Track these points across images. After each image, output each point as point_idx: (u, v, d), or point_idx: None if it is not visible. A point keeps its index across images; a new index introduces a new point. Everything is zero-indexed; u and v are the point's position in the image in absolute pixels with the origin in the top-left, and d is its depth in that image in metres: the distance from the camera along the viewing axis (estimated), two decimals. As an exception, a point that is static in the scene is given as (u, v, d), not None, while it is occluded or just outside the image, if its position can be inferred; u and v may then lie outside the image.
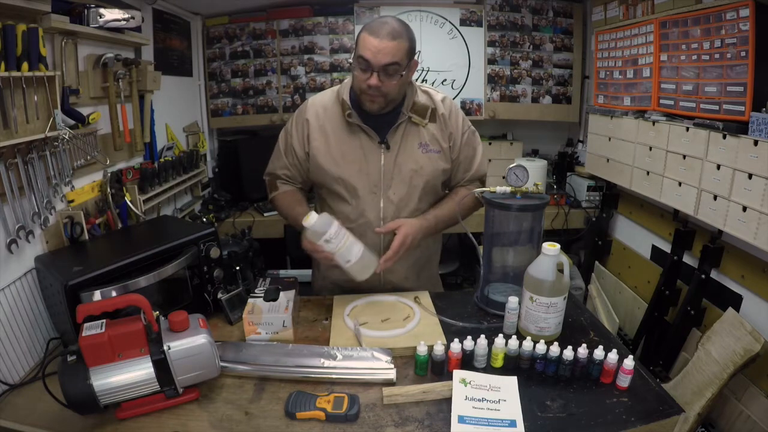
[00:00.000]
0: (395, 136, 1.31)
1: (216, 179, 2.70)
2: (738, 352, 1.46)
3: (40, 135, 1.15)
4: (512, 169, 1.23)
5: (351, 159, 1.30)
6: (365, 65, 1.18)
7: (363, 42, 1.18)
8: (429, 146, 1.32)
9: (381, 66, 1.17)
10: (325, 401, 0.92)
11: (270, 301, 1.18)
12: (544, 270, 1.08)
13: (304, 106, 1.38)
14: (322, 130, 1.32)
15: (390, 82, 1.20)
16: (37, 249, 1.21)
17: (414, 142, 1.32)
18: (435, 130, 1.33)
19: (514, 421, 0.88)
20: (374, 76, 1.18)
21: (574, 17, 2.67)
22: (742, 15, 1.48)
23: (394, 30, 1.17)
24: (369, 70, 1.18)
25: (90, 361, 0.86)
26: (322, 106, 1.35)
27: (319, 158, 1.32)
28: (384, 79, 1.18)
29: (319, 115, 1.33)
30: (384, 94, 1.22)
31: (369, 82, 1.18)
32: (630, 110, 2.11)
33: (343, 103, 1.30)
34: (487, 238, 1.31)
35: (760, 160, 1.43)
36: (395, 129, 1.30)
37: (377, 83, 1.18)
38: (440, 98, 1.36)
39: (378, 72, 1.17)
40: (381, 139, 1.30)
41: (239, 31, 2.65)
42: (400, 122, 1.30)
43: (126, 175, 1.66)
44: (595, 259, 2.54)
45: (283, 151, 1.39)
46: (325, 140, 1.32)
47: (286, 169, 1.40)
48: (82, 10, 1.37)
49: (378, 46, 1.15)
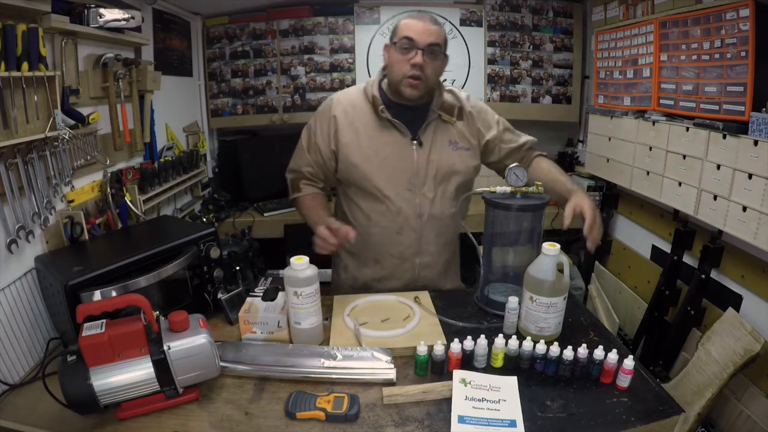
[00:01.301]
0: (426, 134, 1.32)
1: (216, 179, 2.70)
2: (738, 352, 1.46)
3: (40, 135, 1.15)
4: (512, 169, 1.23)
5: (384, 156, 1.30)
6: (409, 45, 1.21)
7: (405, 26, 1.22)
8: (459, 144, 1.34)
9: (426, 44, 1.21)
10: (325, 401, 0.92)
11: (268, 301, 1.18)
12: (544, 270, 1.08)
13: (328, 103, 1.37)
14: (351, 127, 1.32)
15: (432, 64, 1.23)
16: (37, 249, 1.21)
17: (444, 140, 1.33)
18: (463, 128, 1.36)
19: (514, 421, 0.88)
20: (419, 55, 1.20)
21: (574, 17, 2.67)
22: (742, 15, 1.48)
23: (435, 18, 1.25)
24: (413, 49, 1.21)
25: (90, 361, 0.86)
26: (349, 103, 1.35)
27: (350, 155, 1.31)
28: (427, 59, 1.21)
29: (347, 112, 1.33)
30: (425, 78, 1.24)
31: (414, 60, 1.21)
32: (630, 110, 2.11)
33: (375, 98, 1.31)
34: (487, 238, 1.31)
35: (760, 160, 1.43)
36: (426, 126, 1.32)
37: (421, 61, 1.21)
38: (465, 96, 1.40)
39: (423, 50, 1.20)
40: (413, 136, 1.30)
41: (239, 31, 2.65)
42: (430, 120, 1.32)
43: (126, 175, 1.66)
44: (595, 259, 2.54)
45: (307, 148, 1.39)
46: (356, 137, 1.31)
47: (309, 167, 1.39)
48: (82, 10, 1.37)
49: (423, 27, 1.21)
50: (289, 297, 1.10)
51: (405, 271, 1.40)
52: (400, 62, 1.23)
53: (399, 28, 1.25)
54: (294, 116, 2.70)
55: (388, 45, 1.30)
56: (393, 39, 1.26)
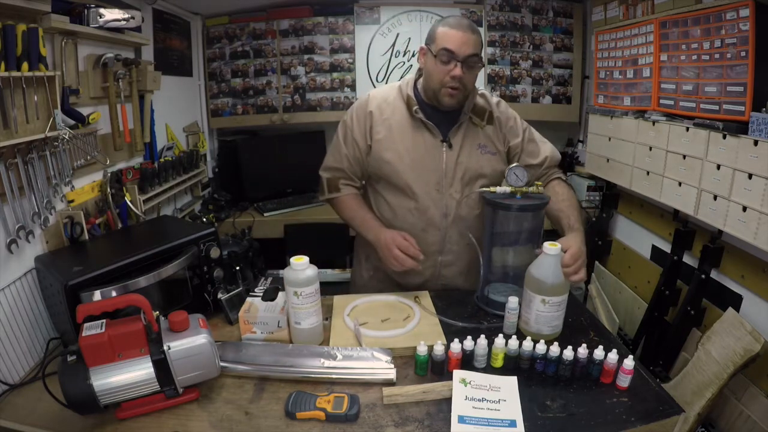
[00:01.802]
0: (457, 136, 1.33)
1: (216, 179, 2.70)
2: (738, 352, 1.46)
3: (40, 135, 1.15)
4: (512, 169, 1.23)
5: (415, 155, 1.32)
6: (449, 57, 1.21)
7: (444, 36, 1.22)
8: (487, 147, 1.35)
9: (465, 56, 1.21)
10: (325, 401, 0.92)
11: (268, 301, 1.18)
12: (553, 271, 1.09)
13: (364, 98, 1.39)
14: (386, 124, 1.33)
15: (471, 75, 1.24)
16: (37, 249, 1.22)
17: (474, 143, 1.34)
18: (491, 133, 1.37)
19: (514, 421, 0.88)
20: (458, 67, 1.21)
21: (574, 17, 2.67)
22: (742, 15, 1.48)
23: (472, 25, 1.24)
24: (453, 60, 1.21)
25: (90, 361, 0.86)
26: (384, 100, 1.36)
27: (382, 151, 1.33)
28: (466, 71, 1.22)
29: (382, 109, 1.35)
30: (464, 88, 1.25)
31: (453, 73, 1.21)
32: (630, 110, 2.11)
33: (409, 98, 1.32)
34: (487, 238, 1.31)
35: (760, 160, 1.43)
36: (457, 128, 1.33)
37: (461, 74, 1.21)
38: (495, 101, 1.41)
39: (461, 63, 1.21)
40: (443, 138, 1.32)
41: (239, 31, 2.65)
42: (461, 122, 1.33)
43: (126, 175, 1.66)
44: (595, 259, 2.53)
45: (344, 143, 1.39)
46: (389, 133, 1.33)
47: (347, 162, 1.39)
48: (82, 10, 1.37)
49: (463, 38, 1.20)
50: (289, 297, 1.10)
51: (427, 268, 1.40)
52: (439, 72, 1.24)
53: (438, 36, 1.23)
54: (294, 116, 2.70)
55: (424, 49, 1.29)
56: (430, 46, 1.25)
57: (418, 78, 1.37)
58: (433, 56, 1.24)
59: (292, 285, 1.09)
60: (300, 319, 1.12)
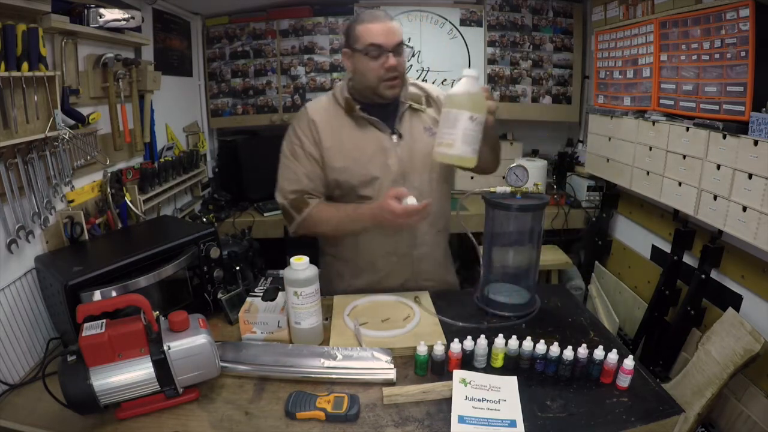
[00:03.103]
0: (403, 125, 1.33)
1: (216, 179, 2.70)
2: (738, 352, 1.46)
3: (40, 135, 1.15)
4: (512, 169, 1.23)
5: (370, 154, 1.30)
6: (378, 51, 1.21)
7: (367, 32, 1.21)
8: (433, 129, 1.34)
9: (394, 45, 1.22)
10: (325, 401, 0.92)
11: (268, 301, 1.18)
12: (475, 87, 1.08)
13: (302, 112, 1.36)
14: (332, 132, 1.31)
15: (401, 60, 1.25)
16: (37, 249, 1.22)
17: (420, 127, 1.35)
18: (434, 114, 1.37)
19: (514, 421, 0.88)
20: (391, 57, 1.21)
21: (574, 17, 2.67)
22: (742, 15, 1.48)
23: (387, 14, 1.25)
24: (383, 53, 1.21)
25: (90, 361, 0.86)
26: (322, 108, 1.35)
27: (334, 160, 1.30)
28: (398, 58, 1.23)
29: (324, 118, 1.32)
30: (401, 74, 1.26)
31: (388, 64, 1.22)
32: (630, 110, 2.11)
33: (347, 102, 1.31)
34: (487, 238, 1.31)
35: (760, 160, 1.43)
36: (401, 118, 1.32)
37: (396, 63, 1.22)
38: (428, 86, 1.42)
39: (392, 52, 1.22)
40: (392, 130, 1.32)
41: (239, 31, 2.66)
42: (403, 111, 1.33)
43: (126, 175, 1.66)
44: (595, 259, 2.54)
45: (297, 161, 1.31)
46: (338, 141, 1.30)
47: (307, 180, 1.30)
48: (82, 10, 1.37)
49: (385, 29, 1.21)
50: (289, 297, 1.10)
51: (403, 267, 1.39)
52: (373, 69, 1.23)
53: (360, 34, 1.23)
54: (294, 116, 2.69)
55: (348, 52, 1.28)
56: (354, 46, 1.24)
57: (349, 82, 1.35)
58: (363, 54, 1.23)
59: (292, 285, 1.09)
60: (300, 319, 1.12)
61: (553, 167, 2.83)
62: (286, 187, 1.33)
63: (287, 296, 1.11)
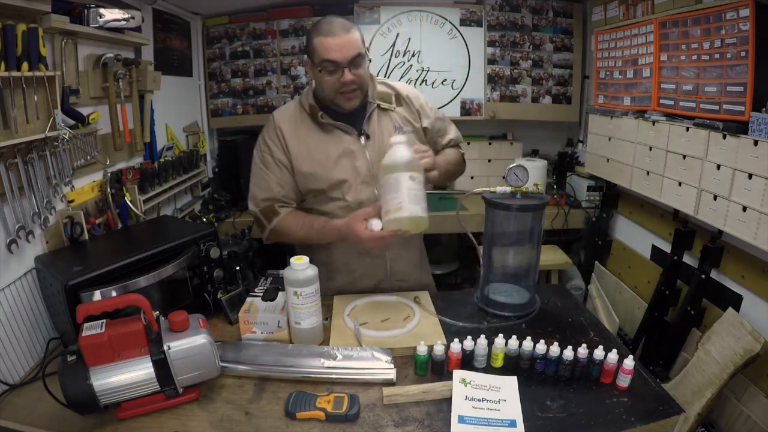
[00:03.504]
0: (371, 126, 1.32)
1: (216, 179, 2.70)
2: (738, 352, 1.46)
3: (40, 135, 1.15)
4: (512, 169, 1.23)
5: (336, 158, 1.29)
6: (333, 66, 1.19)
7: (321, 46, 1.19)
8: (403, 128, 1.34)
9: (349, 60, 1.19)
10: (325, 401, 0.92)
11: (268, 301, 1.18)
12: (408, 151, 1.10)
13: (270, 120, 1.34)
14: (298, 138, 1.30)
15: (360, 73, 1.23)
16: (37, 249, 1.22)
17: (389, 127, 1.34)
18: (404, 112, 1.37)
19: (514, 421, 0.88)
20: (347, 72, 1.19)
21: (574, 17, 2.67)
22: (742, 15, 1.48)
23: (345, 24, 1.21)
24: (339, 68, 1.19)
25: (90, 361, 0.86)
26: (288, 116, 1.33)
27: (302, 165, 1.29)
28: (355, 71, 1.21)
29: (290, 125, 1.31)
30: (359, 86, 1.24)
31: (344, 79, 1.20)
32: (630, 110, 2.11)
33: (312, 107, 1.30)
34: (487, 238, 1.31)
35: (760, 160, 1.43)
36: (368, 119, 1.32)
37: (352, 78, 1.20)
38: (398, 84, 1.41)
39: (348, 67, 1.19)
40: (359, 132, 1.31)
41: (239, 31, 2.66)
42: (371, 111, 1.32)
43: (126, 175, 1.66)
44: (595, 259, 2.54)
45: (268, 169, 1.31)
46: (305, 147, 1.29)
47: (279, 187, 1.30)
48: (82, 10, 1.37)
49: (340, 43, 1.18)
50: (289, 297, 1.10)
51: (377, 268, 1.39)
52: (329, 83, 1.22)
53: (316, 48, 1.20)
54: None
55: (308, 61, 1.27)
56: (312, 58, 1.23)
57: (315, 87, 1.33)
58: (318, 70, 1.21)
59: (292, 285, 1.09)
60: (300, 319, 1.12)
61: (553, 167, 2.83)
62: (258, 195, 1.32)
63: (287, 296, 1.11)
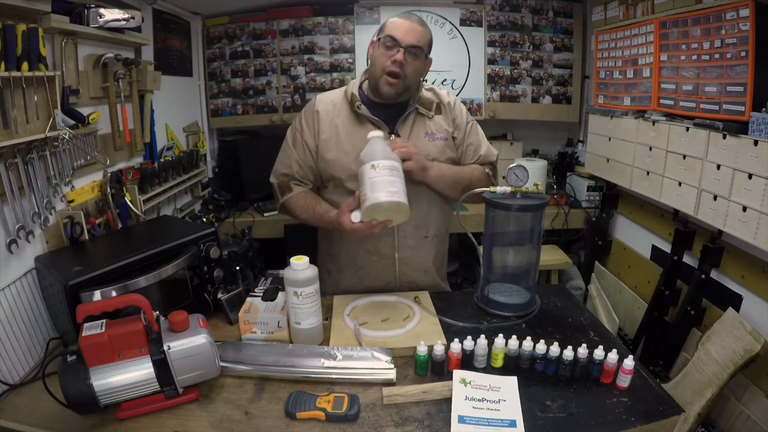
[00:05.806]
0: (404, 127, 1.34)
1: (216, 179, 2.70)
2: (738, 352, 1.47)
3: (40, 135, 1.15)
4: (512, 169, 1.23)
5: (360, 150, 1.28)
6: (392, 43, 1.24)
7: (391, 25, 1.26)
8: (435, 135, 1.36)
9: (408, 44, 1.23)
10: (325, 401, 0.92)
11: (268, 301, 1.18)
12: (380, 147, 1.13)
13: (312, 101, 1.39)
14: (332, 124, 1.33)
15: (413, 64, 1.25)
16: (37, 249, 1.21)
17: (421, 132, 1.35)
18: (440, 120, 1.38)
19: (514, 421, 0.88)
20: (400, 52, 1.23)
21: (574, 17, 2.67)
22: (742, 15, 1.48)
23: (421, 20, 1.29)
24: (396, 47, 1.23)
25: (90, 361, 0.86)
26: (330, 101, 1.37)
27: (326, 151, 1.32)
28: (408, 59, 1.24)
29: (328, 110, 1.35)
30: (404, 76, 1.25)
31: (395, 57, 1.23)
32: (630, 110, 2.11)
33: (353, 96, 1.33)
34: (487, 238, 1.31)
35: (760, 160, 1.43)
36: (404, 119, 1.34)
37: (402, 59, 1.23)
38: (443, 93, 1.43)
39: (405, 49, 1.23)
40: (390, 130, 1.32)
41: (239, 31, 2.65)
42: (408, 112, 1.33)
43: (126, 175, 1.66)
44: (595, 259, 2.54)
45: (293, 146, 1.37)
46: (335, 133, 1.32)
47: (298, 166, 1.36)
48: (82, 10, 1.37)
49: (408, 27, 1.25)
50: (289, 297, 1.10)
51: (385, 269, 1.39)
52: (381, 57, 1.26)
53: (386, 26, 1.28)
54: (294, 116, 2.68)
55: (374, 41, 1.32)
56: (379, 36, 1.29)
57: (364, 80, 1.37)
58: (379, 43, 1.26)
59: (292, 285, 1.09)
60: (300, 319, 1.12)
61: (553, 167, 2.83)
62: (279, 169, 1.41)
63: (287, 296, 1.11)
